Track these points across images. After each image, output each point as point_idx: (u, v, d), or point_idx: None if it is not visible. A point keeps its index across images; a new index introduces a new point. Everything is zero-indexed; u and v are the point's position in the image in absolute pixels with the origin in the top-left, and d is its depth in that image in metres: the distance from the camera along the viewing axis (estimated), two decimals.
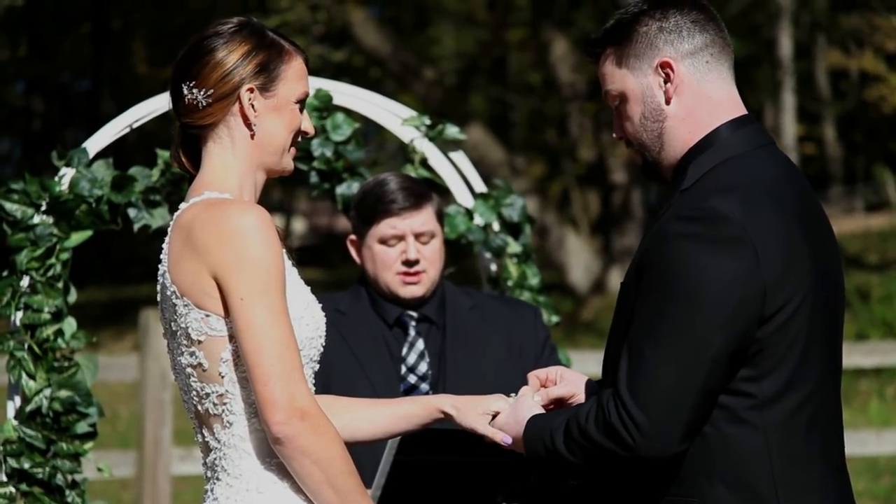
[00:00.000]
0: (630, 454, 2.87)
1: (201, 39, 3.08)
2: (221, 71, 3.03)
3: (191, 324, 2.96)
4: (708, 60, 3.07)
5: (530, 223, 4.79)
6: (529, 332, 4.35)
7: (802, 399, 2.98)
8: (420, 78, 20.41)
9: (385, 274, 4.25)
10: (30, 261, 4.19)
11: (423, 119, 4.69)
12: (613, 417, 2.87)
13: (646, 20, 3.08)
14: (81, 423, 4.19)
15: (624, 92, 3.11)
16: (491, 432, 3.16)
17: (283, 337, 2.89)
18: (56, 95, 35.28)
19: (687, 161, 3.06)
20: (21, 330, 4.19)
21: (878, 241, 25.10)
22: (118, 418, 14.06)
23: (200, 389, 3.00)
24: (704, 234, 2.86)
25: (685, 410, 2.86)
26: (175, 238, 2.99)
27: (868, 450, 9.35)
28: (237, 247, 2.89)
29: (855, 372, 13.59)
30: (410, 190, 4.25)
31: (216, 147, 3.08)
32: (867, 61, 27.83)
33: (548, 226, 21.04)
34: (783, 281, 2.91)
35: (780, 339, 2.92)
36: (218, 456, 3.02)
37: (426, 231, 4.25)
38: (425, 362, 4.24)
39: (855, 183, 37.28)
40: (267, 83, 3.06)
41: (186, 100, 3.05)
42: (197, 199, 3.01)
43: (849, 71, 34.60)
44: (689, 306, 2.84)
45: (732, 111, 3.08)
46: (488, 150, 20.39)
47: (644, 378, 2.86)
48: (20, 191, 4.24)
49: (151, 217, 4.38)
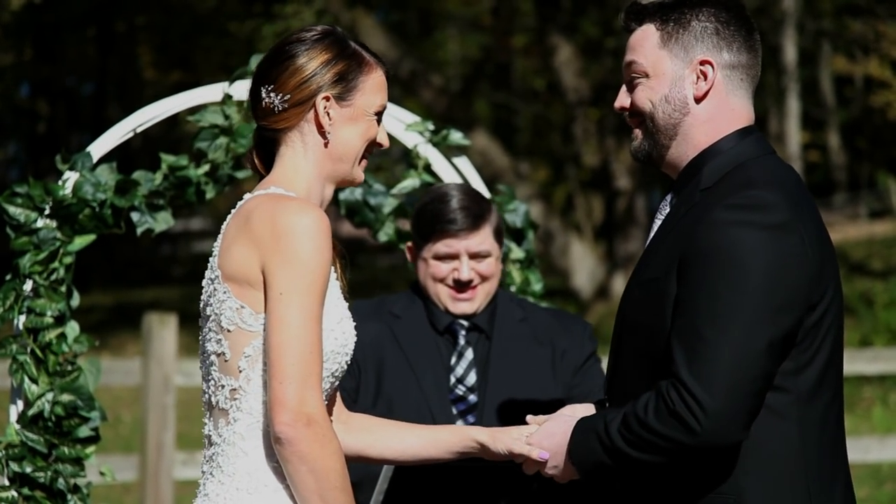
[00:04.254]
0: (695, 441, 2.89)
1: (284, 44, 3.12)
2: (300, 77, 3.07)
3: (225, 311, 2.98)
4: (742, 78, 3.16)
5: (533, 229, 4.79)
6: (576, 342, 4.35)
7: (832, 396, 3.05)
8: (426, 84, 20.41)
9: (436, 287, 4.27)
10: (33, 264, 4.19)
11: (426, 124, 4.69)
12: (678, 405, 2.89)
13: (707, 16, 3.15)
14: (83, 427, 4.19)
15: (653, 70, 3.16)
16: (527, 450, 3.16)
17: (310, 340, 2.91)
18: (61, 99, 35.32)
19: (699, 163, 3.12)
20: (24, 334, 4.18)
21: (882, 248, 25.06)
22: (121, 422, 14.06)
23: (218, 380, 3.02)
24: (756, 221, 2.93)
25: (749, 395, 2.90)
26: (232, 224, 3.02)
27: (871, 457, 9.33)
28: (289, 242, 2.92)
29: (858, 379, 13.58)
30: (469, 210, 4.23)
31: (289, 151, 3.11)
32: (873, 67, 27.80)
33: (552, 231, 21.03)
34: (822, 273, 3.00)
35: (816, 333, 2.99)
36: (216, 451, 3.03)
37: (482, 251, 4.25)
38: (474, 373, 4.23)
39: (859, 190, 37.24)
40: (344, 93, 3.10)
41: (264, 103, 3.10)
42: (263, 192, 3.05)
43: (853, 78, 34.59)
44: (747, 290, 2.89)
45: (746, 122, 3.17)
46: (492, 155, 20.39)
47: (707, 362, 2.88)
48: (24, 194, 4.24)
49: (154, 221, 4.37)
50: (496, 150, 20.89)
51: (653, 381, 3.01)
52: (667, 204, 3.23)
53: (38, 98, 34.93)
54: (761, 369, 2.90)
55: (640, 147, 3.21)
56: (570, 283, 21.52)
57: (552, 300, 4.94)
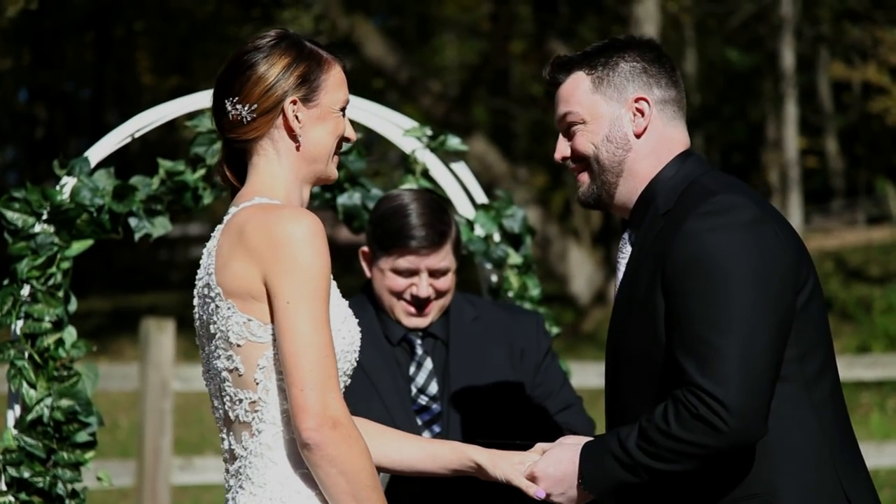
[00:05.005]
0: (722, 442, 2.92)
1: (241, 54, 3.10)
2: (264, 85, 3.06)
3: (232, 327, 2.97)
4: (675, 111, 3.29)
5: (531, 234, 4.79)
6: (532, 340, 4.32)
7: (833, 382, 3.11)
8: (424, 89, 20.41)
9: (390, 299, 4.20)
10: (30, 270, 4.19)
11: (424, 130, 4.69)
12: (700, 408, 2.92)
13: (633, 57, 3.28)
14: (82, 432, 4.19)
15: (590, 114, 3.27)
16: (524, 485, 3.19)
17: (322, 344, 2.91)
18: (59, 104, 35.33)
19: (650, 194, 3.22)
20: (22, 339, 4.18)
21: (880, 254, 25.06)
22: (118, 427, 14.05)
23: (234, 395, 3.01)
24: (729, 223, 3.01)
25: (765, 386, 2.95)
26: (224, 240, 3.00)
27: (869, 462, 9.29)
28: (289, 252, 2.91)
29: (856, 384, 13.58)
30: (433, 227, 4.15)
31: (262, 160, 3.10)
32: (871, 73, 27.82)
33: (550, 237, 21.03)
34: (801, 259, 3.07)
35: (808, 318, 3.06)
36: (243, 464, 3.02)
37: (441, 268, 4.19)
38: (435, 382, 4.20)
39: (857, 196, 37.27)
40: (309, 94, 3.10)
41: (231, 115, 3.08)
42: (248, 204, 3.03)
43: (851, 84, 34.61)
44: (738, 289, 2.95)
45: (681, 148, 3.29)
46: (490, 160, 20.39)
47: (718, 362, 2.92)
48: (21, 199, 4.24)
49: (152, 226, 4.37)
50: (494, 155, 20.90)
51: (655, 402, 3.03)
52: (626, 242, 3.30)
53: (36, 103, 34.94)
54: (771, 359, 2.96)
55: (588, 192, 3.31)
56: (567, 288, 21.52)
57: (550, 305, 4.94)
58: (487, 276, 4.79)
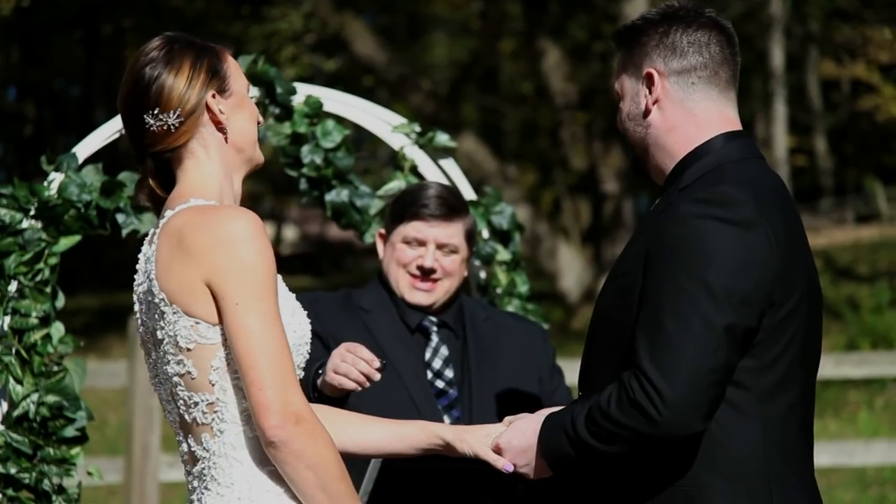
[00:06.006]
0: (655, 430, 2.91)
1: (140, 70, 3.05)
2: (179, 90, 3.04)
3: (180, 331, 2.95)
4: (694, 82, 3.20)
5: (520, 231, 4.79)
6: (541, 349, 4.38)
7: (794, 400, 3.06)
8: (414, 87, 20.41)
9: (397, 272, 4.25)
10: (18, 265, 4.18)
11: (413, 126, 4.69)
12: (638, 394, 2.92)
13: (651, 31, 3.23)
14: (69, 427, 4.18)
15: (622, 91, 3.28)
16: (493, 458, 3.20)
17: (277, 342, 2.89)
18: (48, 101, 35.26)
19: (682, 167, 3.17)
20: (9, 334, 4.17)
21: (869, 252, 25.13)
22: (107, 425, 14.03)
23: (188, 399, 2.98)
24: (721, 215, 2.96)
25: (708, 385, 2.92)
26: (163, 244, 2.98)
27: (856, 460, 9.35)
28: (231, 252, 2.89)
29: (844, 382, 13.60)
30: (446, 201, 4.25)
31: (191, 161, 3.08)
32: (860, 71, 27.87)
33: (539, 235, 21.04)
34: (787, 274, 3.01)
35: (779, 334, 3.01)
36: (207, 465, 3.00)
37: (450, 244, 4.24)
38: (451, 368, 4.24)
39: (846, 194, 37.34)
40: (222, 84, 3.09)
41: (154, 128, 3.04)
42: (184, 206, 3.00)
43: (840, 82, 34.66)
44: (709, 282, 2.92)
45: (725, 127, 3.20)
46: (480, 159, 20.39)
47: (668, 352, 2.91)
48: (9, 195, 4.23)
49: (140, 222, 4.37)
50: (484, 153, 20.90)
51: (618, 371, 3.03)
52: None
53: (25, 101, 34.87)
54: (721, 360, 2.92)
55: (631, 163, 3.35)
56: (557, 286, 21.53)
57: (539, 303, 4.94)
58: (476, 272, 4.80)
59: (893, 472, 10.94)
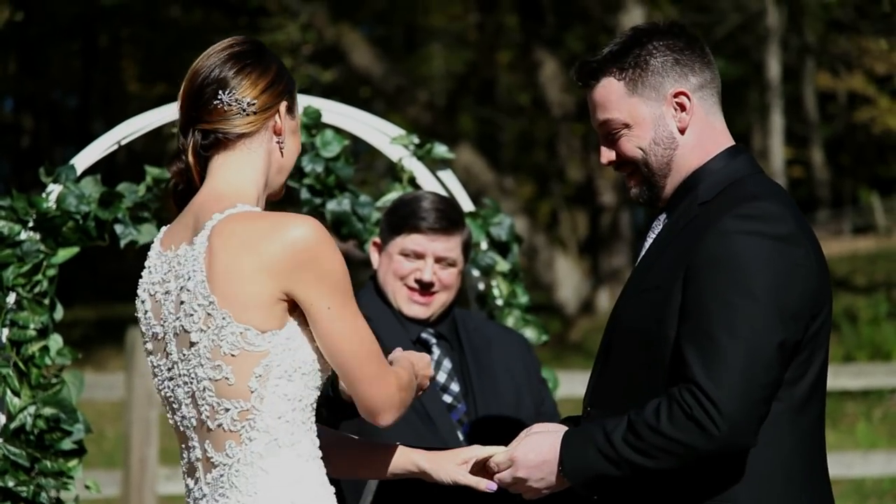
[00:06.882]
0: (712, 446, 2.91)
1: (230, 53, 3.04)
2: (263, 84, 3.03)
3: (225, 337, 2.91)
4: (712, 94, 3.21)
5: (518, 242, 4.79)
6: (529, 359, 4.38)
7: (819, 412, 3.10)
8: (411, 99, 20.42)
9: (394, 284, 4.23)
10: (16, 277, 4.17)
11: (411, 138, 4.69)
12: (695, 409, 2.90)
13: (662, 49, 3.18)
14: (66, 440, 4.17)
15: (632, 119, 3.19)
16: (474, 481, 3.21)
17: (371, 339, 2.97)
18: (45, 112, 35.26)
19: (693, 182, 3.16)
20: (7, 346, 4.16)
21: (866, 264, 25.14)
22: (104, 437, 14.01)
23: (217, 405, 2.95)
24: (765, 231, 2.97)
25: (761, 400, 2.93)
26: (219, 247, 2.91)
27: (854, 472, 9.34)
28: (312, 259, 2.89)
29: (841, 394, 13.58)
30: (445, 214, 4.22)
31: (240, 157, 3.03)
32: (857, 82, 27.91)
33: (536, 246, 21.05)
34: (821, 286, 3.05)
35: (812, 347, 3.04)
36: (227, 472, 2.96)
37: (448, 257, 4.22)
38: (455, 382, 4.23)
39: (842, 206, 37.36)
40: (292, 104, 3.10)
41: (224, 106, 3.00)
42: (234, 211, 2.95)
43: (837, 94, 34.69)
44: (757, 297, 2.93)
45: (728, 140, 3.22)
46: (477, 170, 20.40)
47: (723, 367, 2.90)
48: (7, 207, 4.22)
49: (138, 233, 4.36)
50: (481, 165, 20.91)
51: (647, 388, 3.02)
52: (659, 222, 3.26)
53: (22, 112, 34.87)
54: (772, 375, 2.94)
55: (639, 193, 3.26)
56: (554, 297, 21.53)
57: (537, 315, 4.94)
58: (475, 283, 4.79)
59: (892, 484, 10.94)
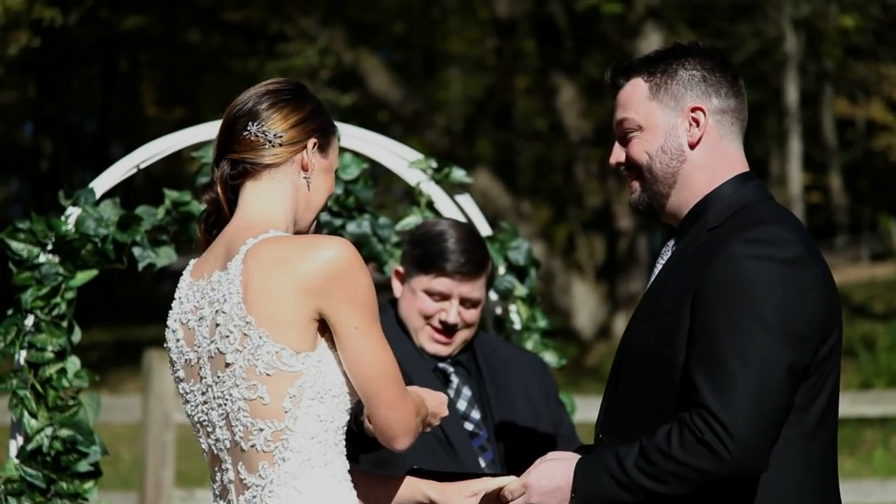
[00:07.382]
0: (724, 470, 2.90)
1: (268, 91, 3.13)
2: (297, 117, 3.11)
3: (261, 356, 2.96)
4: (732, 123, 3.23)
5: (536, 267, 4.79)
6: (546, 380, 4.37)
7: (831, 438, 3.09)
8: (429, 123, 20.46)
9: (417, 321, 4.21)
10: (35, 300, 4.18)
11: (429, 162, 4.70)
12: (706, 433, 2.90)
13: (693, 64, 3.21)
14: (82, 462, 4.17)
15: (646, 122, 3.22)
16: None
17: (393, 363, 3.02)
18: (64, 136, 35.40)
19: (703, 208, 3.18)
20: (25, 368, 4.17)
21: (884, 291, 25.05)
22: (120, 460, 14.02)
23: (251, 425, 2.98)
24: (773, 255, 2.98)
25: (772, 425, 2.93)
26: (255, 269, 2.97)
27: (872, 500, 9.29)
28: (344, 279, 2.95)
29: (859, 421, 13.54)
30: (472, 255, 4.18)
31: (268, 186, 3.10)
32: (875, 110, 27.87)
33: (553, 271, 21.03)
34: (831, 310, 3.04)
35: (822, 371, 3.03)
36: (260, 494, 2.99)
37: (473, 298, 4.21)
38: (476, 409, 4.21)
39: (860, 232, 37.27)
40: (324, 143, 3.15)
41: (252, 136, 3.08)
42: (267, 235, 3.02)
43: (855, 120, 34.66)
44: (766, 321, 2.93)
45: (742, 167, 3.24)
46: (494, 195, 20.41)
47: (733, 391, 2.90)
48: (26, 230, 4.24)
49: (156, 256, 4.37)
50: (498, 189, 20.92)
51: (658, 413, 3.02)
52: (668, 248, 3.28)
53: (41, 136, 35.01)
54: (782, 399, 2.93)
55: (639, 199, 3.27)
56: (571, 322, 21.50)
57: (553, 339, 4.93)
58: (492, 308, 4.79)
59: None
